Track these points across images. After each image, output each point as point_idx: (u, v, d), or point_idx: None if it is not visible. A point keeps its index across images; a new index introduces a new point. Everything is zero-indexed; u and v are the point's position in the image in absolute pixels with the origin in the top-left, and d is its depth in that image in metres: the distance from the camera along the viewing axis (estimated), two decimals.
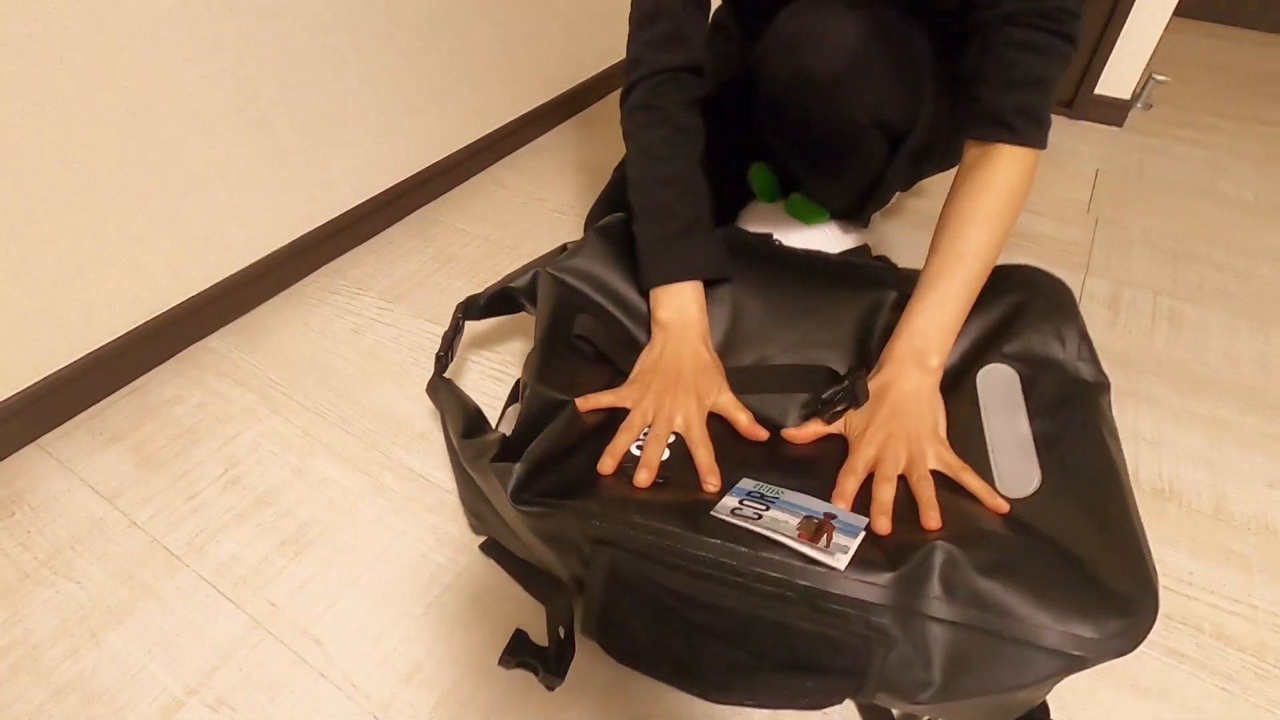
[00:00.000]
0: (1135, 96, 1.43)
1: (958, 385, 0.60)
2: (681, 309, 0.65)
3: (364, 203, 1.05)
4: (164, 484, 0.71)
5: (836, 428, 0.59)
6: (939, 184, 1.30)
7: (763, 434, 0.60)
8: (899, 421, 0.55)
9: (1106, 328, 0.92)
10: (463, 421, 0.58)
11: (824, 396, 0.59)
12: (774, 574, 0.46)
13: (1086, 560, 0.45)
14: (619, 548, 0.49)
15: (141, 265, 0.80)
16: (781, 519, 0.50)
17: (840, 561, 0.46)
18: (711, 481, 0.54)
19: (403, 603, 0.61)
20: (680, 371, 0.61)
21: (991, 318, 0.62)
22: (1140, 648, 0.59)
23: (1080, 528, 0.47)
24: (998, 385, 0.59)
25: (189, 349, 0.87)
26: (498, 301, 0.72)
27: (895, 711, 0.54)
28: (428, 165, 1.14)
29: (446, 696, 0.55)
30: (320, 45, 0.90)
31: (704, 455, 0.56)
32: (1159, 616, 0.61)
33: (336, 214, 1.02)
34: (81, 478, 0.71)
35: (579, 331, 0.65)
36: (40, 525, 0.67)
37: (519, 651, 0.55)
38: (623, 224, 0.72)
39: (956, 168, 0.64)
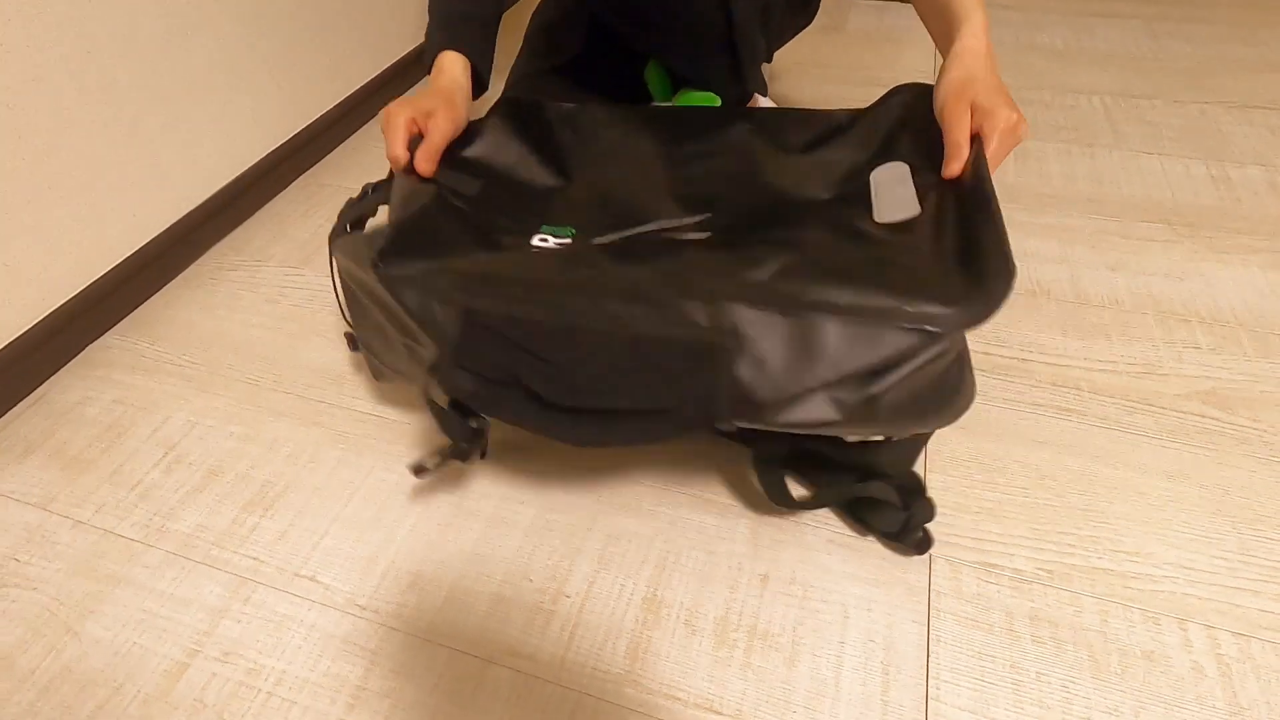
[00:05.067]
0: None
1: (856, 186, 0.62)
2: (444, 69, 0.68)
3: (238, 177, 0.99)
4: (99, 480, 0.67)
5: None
6: (803, 77, 1.37)
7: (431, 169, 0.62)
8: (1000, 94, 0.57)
9: None
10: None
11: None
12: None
13: (945, 256, 0.48)
14: (474, 290, 0.50)
15: (10, 271, 0.73)
16: None
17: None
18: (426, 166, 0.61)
19: (388, 526, 0.63)
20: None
21: (880, 129, 0.65)
22: (1033, 410, 0.69)
23: (947, 235, 0.50)
24: (889, 175, 0.61)
25: (85, 351, 0.81)
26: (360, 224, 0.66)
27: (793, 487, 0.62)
28: (296, 132, 1.08)
29: (454, 589, 0.58)
30: (159, 12, 0.83)
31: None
32: (1047, 385, 0.72)
33: (211, 193, 0.96)
34: (2, 493, 0.67)
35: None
36: None
37: (422, 462, 0.57)
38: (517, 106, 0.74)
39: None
